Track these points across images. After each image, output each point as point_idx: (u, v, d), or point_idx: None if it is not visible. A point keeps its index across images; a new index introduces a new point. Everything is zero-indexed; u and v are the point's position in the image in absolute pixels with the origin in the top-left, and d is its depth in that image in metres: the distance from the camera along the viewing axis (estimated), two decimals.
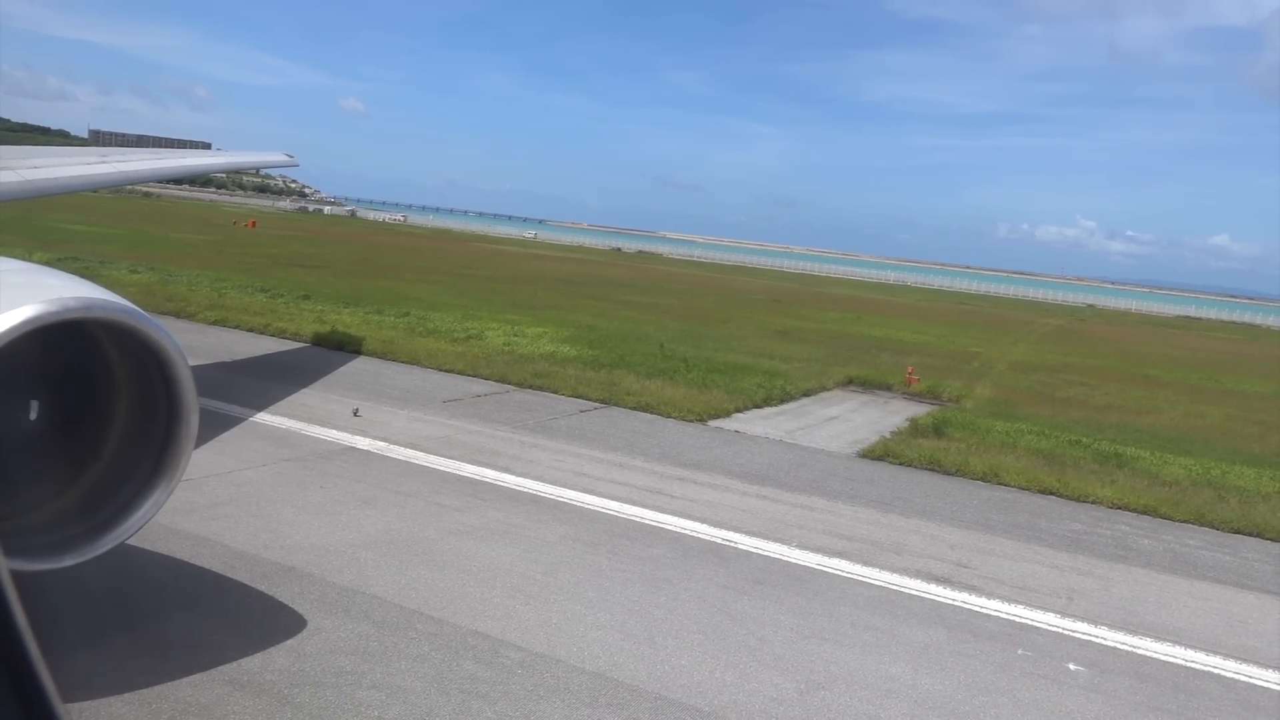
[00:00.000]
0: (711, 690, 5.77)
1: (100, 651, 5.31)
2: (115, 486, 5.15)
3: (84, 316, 4.61)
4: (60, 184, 10.24)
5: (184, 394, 5.03)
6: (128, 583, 6.27)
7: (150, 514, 5.10)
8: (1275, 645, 7.61)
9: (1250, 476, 13.68)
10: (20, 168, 9.54)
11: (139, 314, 4.82)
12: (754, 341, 26.21)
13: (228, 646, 5.62)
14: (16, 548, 4.64)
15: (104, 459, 5.26)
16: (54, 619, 5.03)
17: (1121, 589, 8.61)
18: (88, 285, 4.98)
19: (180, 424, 5.09)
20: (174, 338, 4.95)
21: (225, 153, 29.98)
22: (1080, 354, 34.99)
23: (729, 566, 8.06)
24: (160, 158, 16.28)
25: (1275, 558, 10.27)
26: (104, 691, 4.89)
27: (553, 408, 14.26)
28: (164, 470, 5.13)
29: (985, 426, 15.32)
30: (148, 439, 5.17)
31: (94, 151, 13.22)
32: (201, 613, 6.05)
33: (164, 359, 4.94)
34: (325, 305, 22.20)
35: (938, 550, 9.17)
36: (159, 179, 22.66)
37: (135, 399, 5.28)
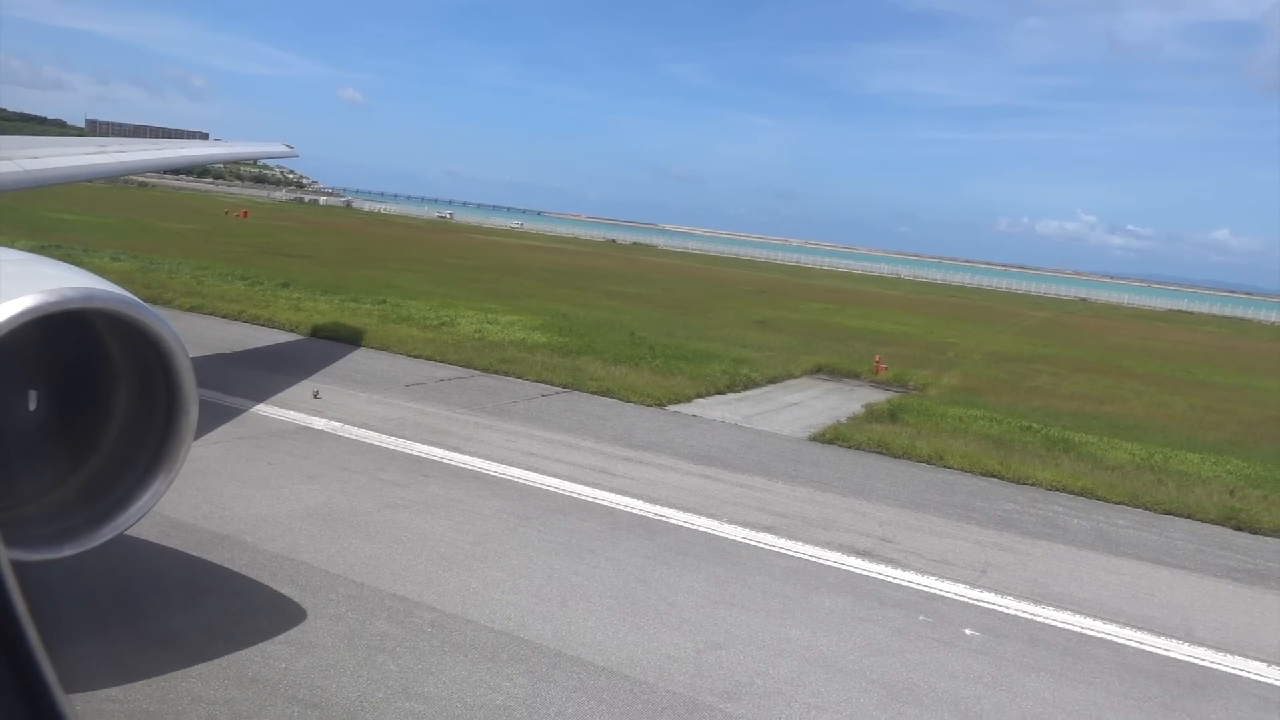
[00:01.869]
0: (611, 648, 6.09)
1: None
2: (115, 477, 5.18)
3: (83, 307, 4.62)
4: (59, 174, 10.30)
5: (184, 385, 5.05)
6: None
7: (150, 505, 5.13)
8: (1174, 615, 7.94)
9: (1194, 461, 14.00)
10: (19, 157, 9.58)
11: (139, 305, 4.86)
12: (731, 331, 26.50)
13: (151, 606, 5.94)
14: (17, 538, 4.67)
15: (104, 450, 5.29)
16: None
17: (1038, 563, 8.93)
18: (87, 275, 5.01)
19: (180, 415, 5.12)
20: (174, 329, 4.98)
21: (225, 143, 30.05)
22: (1059, 346, 35.29)
23: (656, 539, 8.38)
24: (160, 148, 16.34)
25: (1200, 537, 10.59)
26: None
27: (514, 392, 14.57)
28: (164, 461, 5.16)
29: (940, 412, 15.63)
30: (147, 430, 5.20)
31: (93, 141, 13.31)
32: (130, 575, 6.37)
33: (163, 350, 4.96)
34: (302, 293, 22.47)
35: (866, 526, 9.49)
36: (158, 169, 22.68)
37: (135, 390, 5.30)
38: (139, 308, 4.82)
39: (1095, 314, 71.39)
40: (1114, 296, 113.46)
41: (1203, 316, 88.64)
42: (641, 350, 18.75)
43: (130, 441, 5.23)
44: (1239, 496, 12.24)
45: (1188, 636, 7.44)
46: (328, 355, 15.94)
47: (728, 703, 5.56)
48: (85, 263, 24.29)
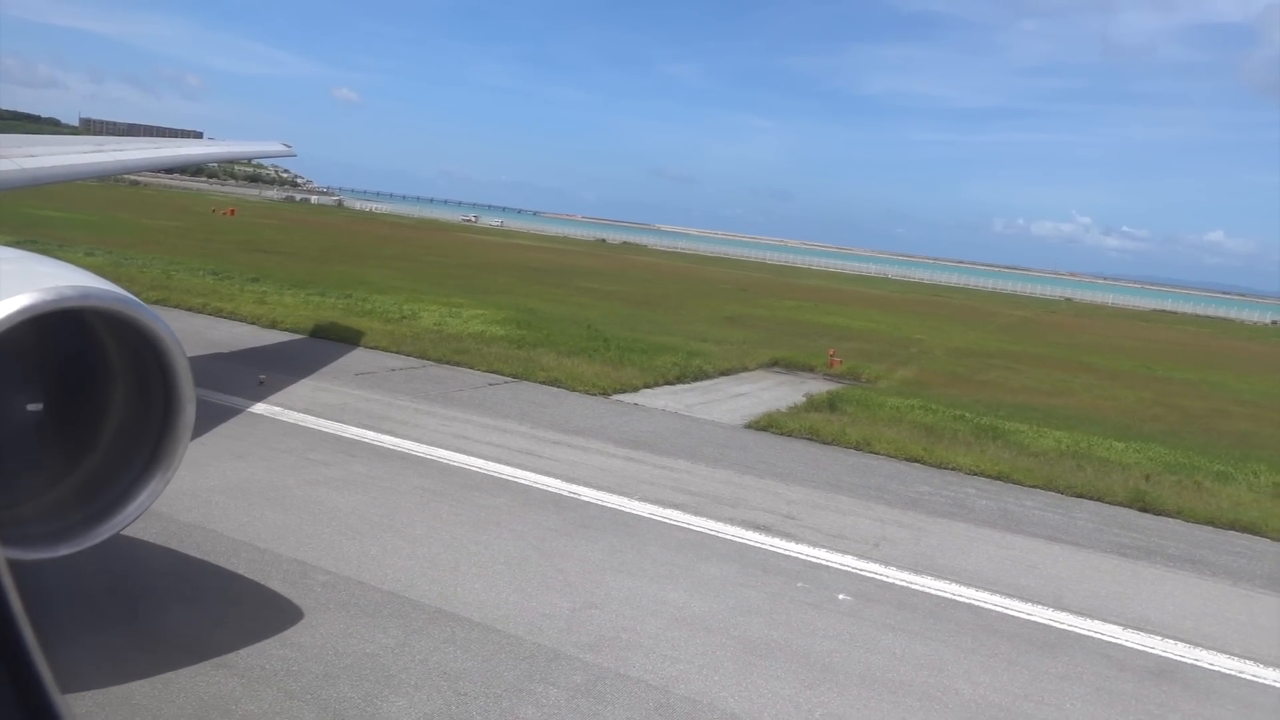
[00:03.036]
0: (490, 606, 6.51)
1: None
2: (112, 476, 5.16)
3: (80, 305, 4.60)
4: (57, 173, 10.30)
5: (181, 384, 5.05)
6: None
7: (147, 504, 5.13)
8: (1048, 584, 8.37)
9: (1119, 449, 14.46)
10: (16, 156, 9.59)
11: (136, 303, 4.85)
12: (697, 326, 26.93)
13: (54, 569, 6.34)
14: (13, 537, 4.66)
15: (101, 448, 5.27)
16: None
17: (931, 539, 9.37)
18: (84, 274, 4.98)
19: (177, 414, 5.10)
20: (171, 328, 4.96)
21: (222, 142, 30.12)
22: (1028, 343, 35.80)
23: (563, 514, 8.81)
24: (158, 147, 16.41)
25: (1103, 517, 11.04)
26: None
27: (462, 381, 14.98)
28: (160, 460, 5.14)
29: (879, 402, 16.08)
30: (144, 429, 5.18)
31: (90, 140, 13.32)
32: None
33: (160, 349, 4.94)
34: (271, 288, 22.85)
35: (774, 505, 9.92)
36: (156, 168, 22.53)
37: (132, 388, 5.28)
38: (136, 306, 4.82)
39: (1077, 313, 72.01)
40: (1101, 296, 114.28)
41: (1186, 316, 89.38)
42: (597, 343, 19.18)
43: (127, 440, 5.23)
44: (1153, 481, 12.71)
45: (1055, 603, 7.88)
46: (283, 346, 16.35)
47: (588, 653, 5.98)
48: (58, 257, 24.54)
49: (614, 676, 5.72)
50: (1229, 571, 9.41)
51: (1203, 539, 10.56)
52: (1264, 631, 7.85)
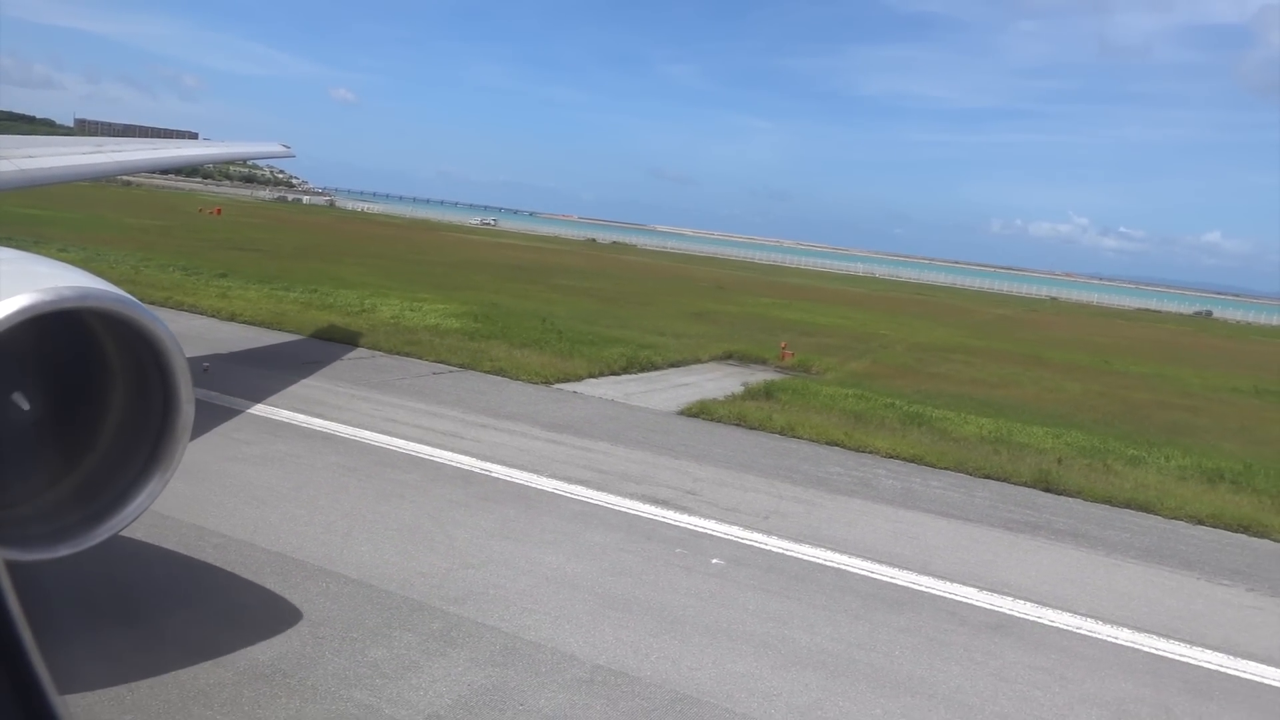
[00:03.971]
0: (370, 566, 6.99)
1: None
2: (111, 477, 5.17)
3: (79, 306, 4.60)
4: (56, 174, 10.34)
5: (179, 384, 5.07)
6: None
7: (146, 504, 5.15)
8: (921, 552, 8.86)
9: (1039, 434, 14.97)
10: (15, 157, 9.63)
11: (135, 304, 4.85)
12: (662, 321, 27.41)
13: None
14: (12, 538, 4.68)
15: (99, 449, 5.28)
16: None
17: (822, 513, 9.87)
18: (83, 274, 5.00)
19: (175, 414, 5.12)
20: (169, 328, 4.99)
21: (220, 143, 30.15)
22: (995, 339, 36.35)
23: (469, 488, 9.29)
24: (156, 148, 16.43)
25: (1004, 497, 11.53)
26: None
27: (407, 370, 15.46)
28: (159, 460, 5.16)
29: (815, 391, 16.59)
30: (143, 429, 5.19)
31: (89, 141, 13.21)
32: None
33: (159, 349, 4.95)
34: (236, 283, 23.31)
35: (679, 482, 10.41)
36: (155, 169, 22.17)
37: (130, 389, 5.29)
38: (135, 307, 4.82)
39: (1058, 311, 72.65)
40: (1091, 296, 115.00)
41: (1170, 315, 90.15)
42: (550, 336, 19.67)
43: (126, 441, 5.24)
44: (1064, 464, 13.22)
45: (921, 569, 8.38)
46: (237, 337, 16.81)
47: (452, 605, 6.47)
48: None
49: (470, 624, 6.20)
50: (1106, 544, 9.92)
51: (1094, 515, 11.07)
52: (1116, 595, 8.34)
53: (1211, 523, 11.20)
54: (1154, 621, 7.74)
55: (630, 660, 5.96)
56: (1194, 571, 9.32)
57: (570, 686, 5.53)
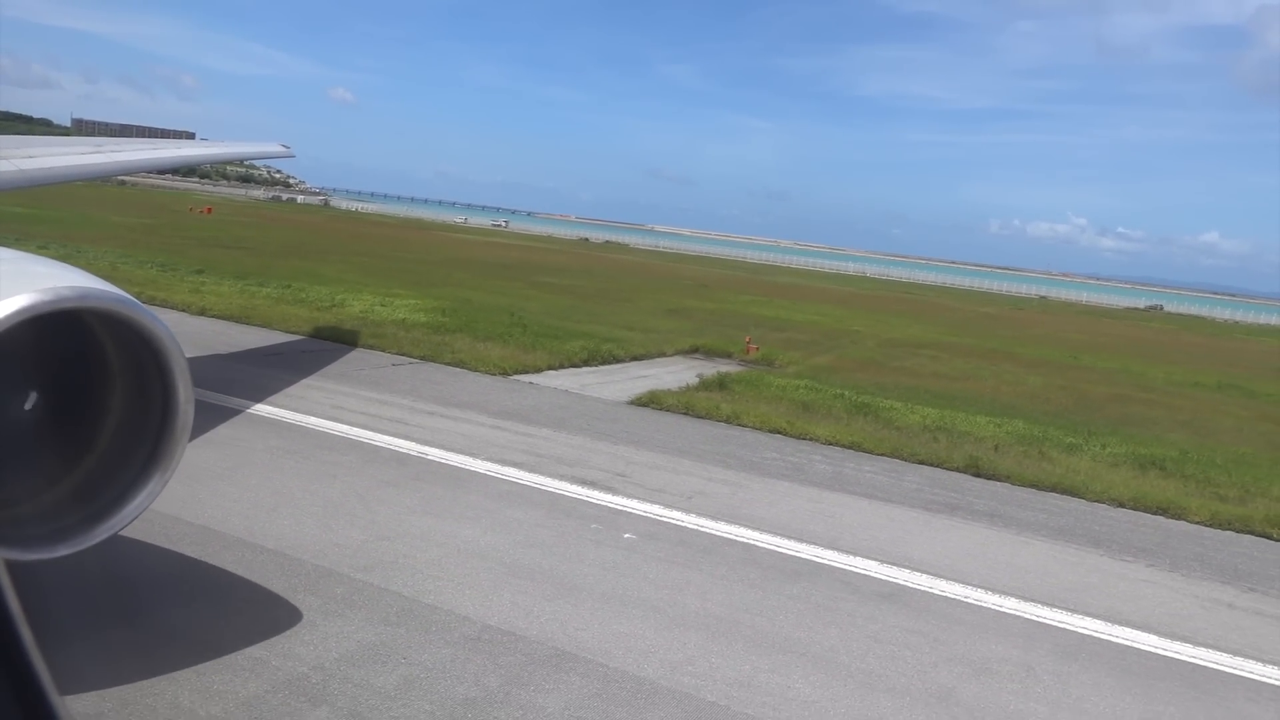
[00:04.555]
0: (289, 538, 7.36)
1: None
2: (110, 477, 5.17)
3: (79, 306, 4.62)
4: (55, 174, 10.34)
5: (179, 385, 5.06)
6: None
7: (145, 504, 5.16)
8: (833, 529, 9.22)
9: (983, 424, 15.36)
10: (15, 157, 9.62)
11: (134, 304, 4.87)
12: (636, 317, 27.77)
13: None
14: (11, 538, 4.70)
15: (99, 450, 5.28)
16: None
17: (747, 494, 10.23)
18: (82, 274, 5.02)
19: (175, 415, 5.11)
20: (169, 328, 5.00)
21: (220, 143, 30.15)
22: (970, 335, 36.73)
23: (402, 469, 9.65)
24: (156, 148, 16.39)
25: (933, 481, 11.89)
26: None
27: (367, 361, 15.82)
28: (159, 461, 5.17)
29: (768, 382, 16.96)
30: (143, 430, 5.19)
31: (88, 141, 13.11)
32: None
33: (159, 349, 4.95)
34: (212, 279, 23.68)
35: (612, 465, 10.78)
36: (154, 169, 21.68)
37: (130, 389, 5.30)
38: (134, 307, 4.84)
39: (1045, 310, 73.09)
40: (1081, 295, 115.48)
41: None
42: (515, 330, 20.04)
43: (125, 441, 5.25)
44: (1001, 451, 13.62)
45: (829, 544, 8.74)
46: (205, 330, 17.17)
47: (359, 573, 6.83)
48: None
49: (373, 589, 6.57)
50: (1020, 523, 10.30)
51: (1016, 498, 11.45)
52: (1014, 568, 8.72)
53: (1132, 505, 11.58)
54: (1043, 592, 8.12)
55: (520, 621, 6.33)
56: (1100, 549, 9.70)
57: (456, 643, 5.90)
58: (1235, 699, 6.47)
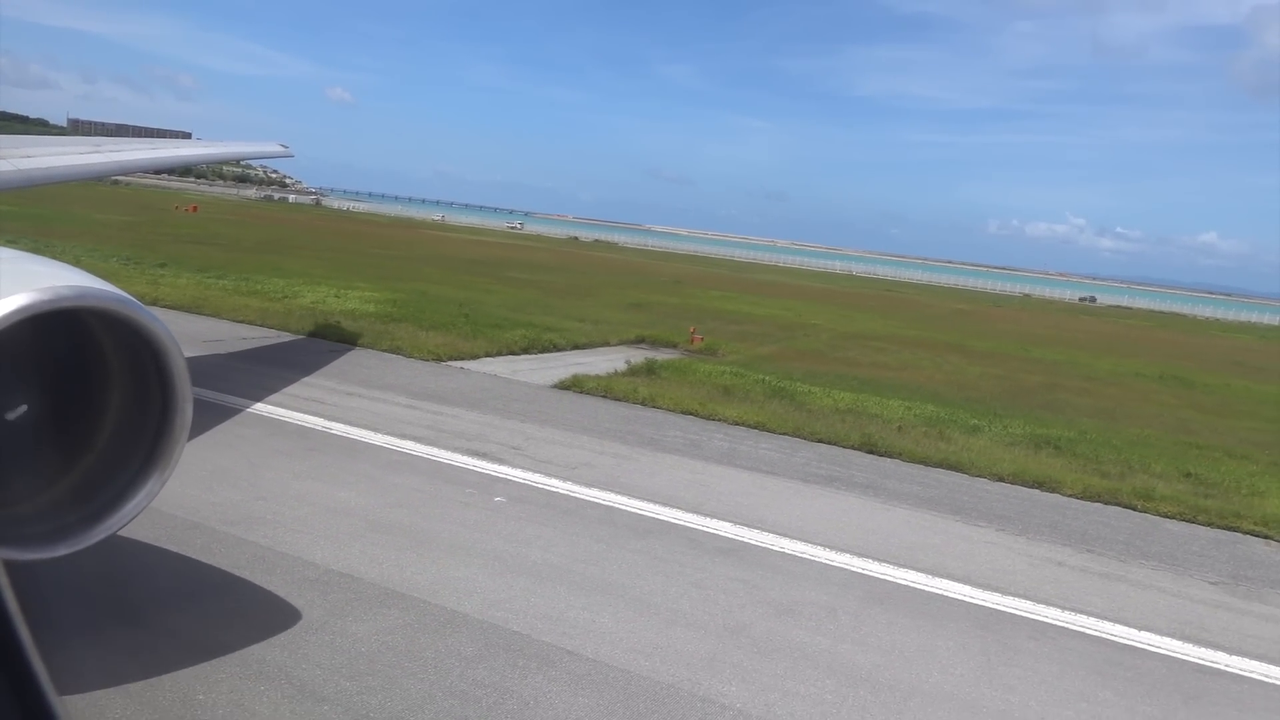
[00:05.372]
0: (167, 498, 7.68)
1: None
2: (109, 476, 5.17)
3: (77, 305, 4.62)
4: (54, 173, 10.30)
5: (178, 384, 5.08)
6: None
7: (144, 504, 5.17)
8: (701, 497, 9.81)
9: (895, 407, 15.98)
10: (13, 156, 9.55)
11: (133, 303, 4.88)
12: (595, 311, 28.36)
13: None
14: (9, 537, 4.72)
15: (97, 449, 5.28)
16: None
17: (632, 466, 10.83)
18: (81, 274, 5.04)
19: (174, 414, 5.13)
20: (168, 328, 5.03)
21: (219, 143, 30.34)
22: (930, 329, 37.40)
23: (301, 441, 10.25)
24: (155, 148, 16.42)
25: (823, 456, 12.51)
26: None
27: (306, 347, 16.43)
28: (158, 460, 5.17)
29: (695, 369, 17.60)
30: (141, 429, 5.20)
31: (87, 141, 13.07)
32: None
33: (158, 348, 4.96)
34: (172, 272, 24.27)
35: (511, 440, 11.39)
36: (153, 169, 21.18)
37: (129, 389, 5.30)
38: (133, 306, 4.86)
39: (1023, 308, 73.82)
40: (1062, 294, 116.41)
41: (1139, 312, 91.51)
42: (459, 320, 20.64)
43: (124, 440, 5.25)
44: (903, 431, 14.24)
45: (692, 509, 9.34)
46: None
47: (224, 526, 7.43)
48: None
49: (233, 540, 7.17)
50: (891, 494, 10.91)
51: (899, 473, 12.07)
52: (862, 530, 9.33)
53: (1011, 480, 12.21)
54: (880, 550, 8.73)
55: (362, 567, 6.94)
56: (959, 516, 10.32)
57: (295, 584, 6.51)
58: (1016, 637, 7.09)
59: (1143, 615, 7.86)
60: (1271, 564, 9.93)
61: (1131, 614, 7.86)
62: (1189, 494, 12.18)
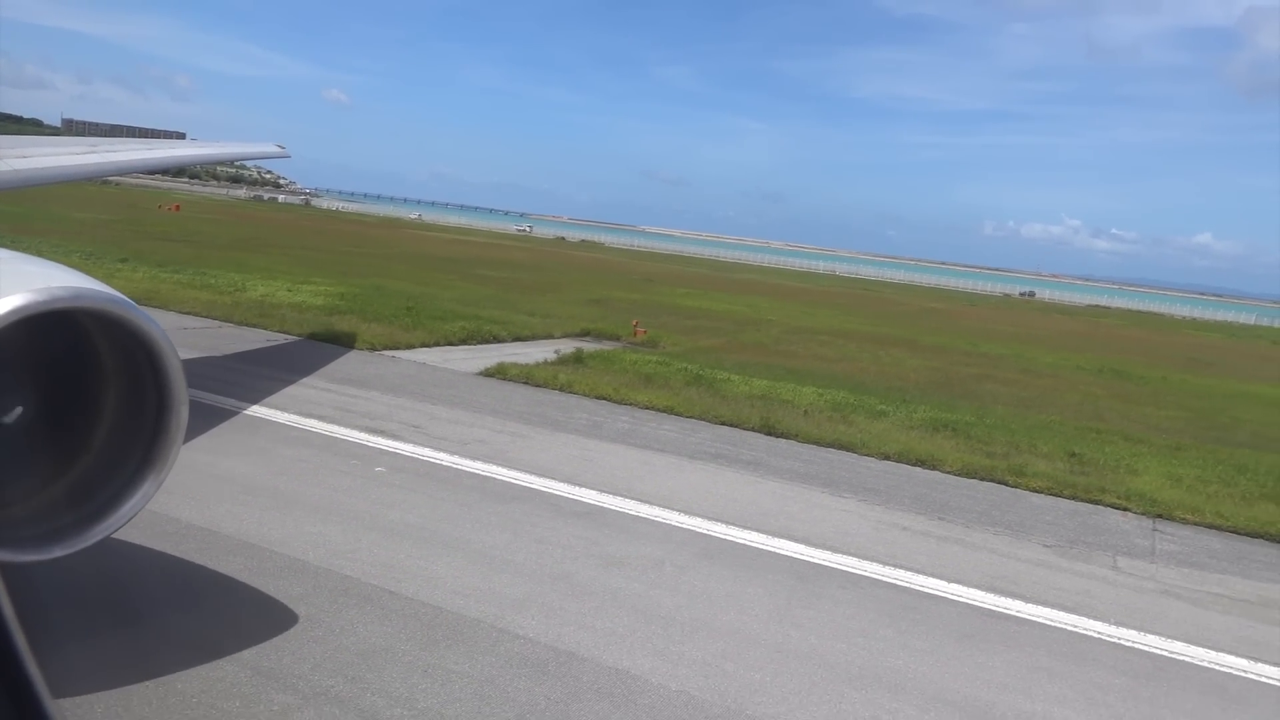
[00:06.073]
0: None
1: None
2: (104, 478, 5.18)
3: (73, 306, 4.62)
4: (50, 174, 10.35)
5: (173, 385, 5.09)
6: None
7: (140, 506, 5.18)
8: (581, 470, 10.43)
9: (808, 393, 16.62)
10: (9, 157, 9.59)
11: (128, 304, 4.89)
12: (551, 306, 28.98)
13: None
14: (4, 539, 4.70)
15: (93, 450, 5.27)
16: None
17: (524, 443, 11.46)
18: (76, 274, 5.04)
19: (170, 415, 5.13)
20: (163, 328, 5.04)
21: (216, 143, 30.59)
22: (888, 326, 38.16)
23: (205, 420, 10.71)
24: (151, 148, 16.42)
25: (719, 436, 13.13)
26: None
27: (243, 338, 17.02)
28: (153, 462, 5.18)
29: (622, 358, 18.24)
30: (137, 430, 5.21)
31: (83, 141, 13.05)
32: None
33: (153, 350, 4.97)
34: (130, 266, 24.85)
35: (413, 420, 12.01)
36: (149, 169, 20.92)
37: (124, 390, 5.30)
38: (128, 307, 4.86)
39: (997, 307, 74.72)
40: (1062, 295, 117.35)
41: (1116, 311, 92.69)
42: (401, 313, 21.26)
43: (120, 442, 5.26)
44: (809, 415, 14.90)
45: (566, 479, 9.94)
46: None
47: None
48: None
49: None
50: (770, 469, 11.55)
51: (788, 451, 12.70)
52: (723, 499, 9.96)
53: (896, 458, 12.85)
54: (733, 515, 9.36)
55: (225, 523, 7.55)
56: (828, 489, 10.96)
57: (159, 537, 7.10)
58: (828, 587, 7.72)
59: (960, 570, 8.51)
60: (1116, 531, 10.60)
61: (950, 569, 8.51)
62: (1064, 472, 12.85)
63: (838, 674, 6.13)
